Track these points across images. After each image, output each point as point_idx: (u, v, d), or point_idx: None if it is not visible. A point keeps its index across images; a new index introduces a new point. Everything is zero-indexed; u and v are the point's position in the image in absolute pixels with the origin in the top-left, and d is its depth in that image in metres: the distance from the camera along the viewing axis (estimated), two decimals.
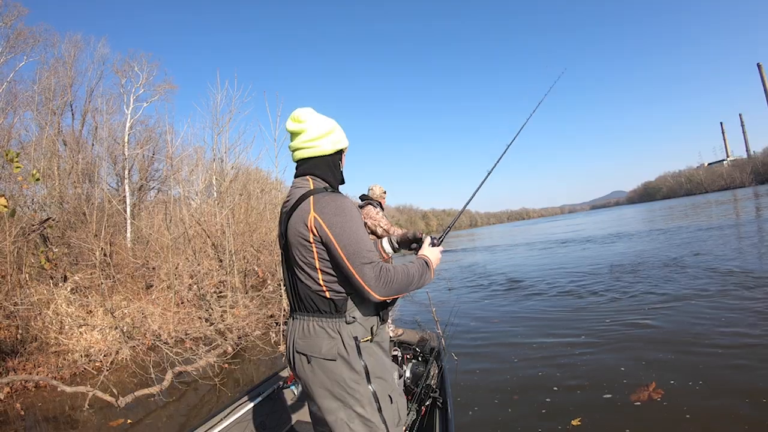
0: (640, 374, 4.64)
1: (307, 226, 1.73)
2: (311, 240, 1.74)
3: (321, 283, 1.77)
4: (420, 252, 2.07)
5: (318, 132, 1.92)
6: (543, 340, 6.29)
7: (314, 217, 1.73)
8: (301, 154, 1.95)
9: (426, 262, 1.94)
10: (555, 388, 4.63)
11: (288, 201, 1.90)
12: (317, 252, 1.75)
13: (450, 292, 11.90)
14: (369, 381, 1.78)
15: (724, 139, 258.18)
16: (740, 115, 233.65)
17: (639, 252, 14.31)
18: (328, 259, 1.75)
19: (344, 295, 1.79)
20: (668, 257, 12.15)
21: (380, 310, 1.93)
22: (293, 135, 1.95)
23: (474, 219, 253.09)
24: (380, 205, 5.42)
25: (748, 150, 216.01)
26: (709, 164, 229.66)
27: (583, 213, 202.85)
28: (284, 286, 1.97)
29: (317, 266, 1.76)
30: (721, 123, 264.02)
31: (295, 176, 1.98)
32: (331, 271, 1.77)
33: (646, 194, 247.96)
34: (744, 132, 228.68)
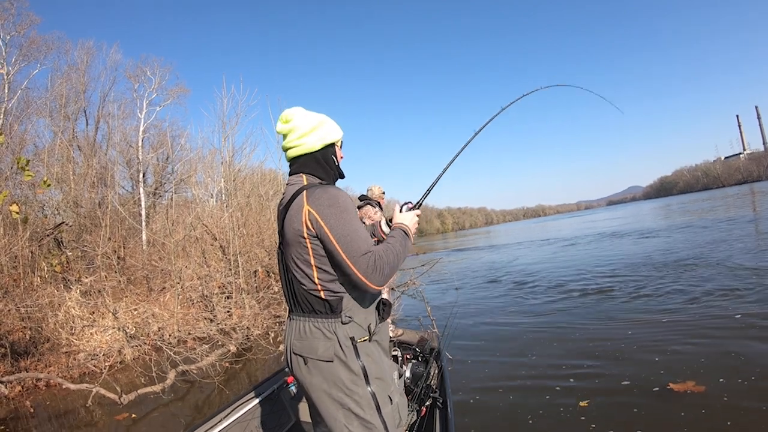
0: (670, 368, 4.50)
1: (301, 221, 1.72)
2: (305, 235, 1.72)
3: (316, 281, 1.75)
4: (394, 220, 2.03)
5: (303, 130, 1.91)
6: (554, 339, 6.16)
7: (308, 210, 1.72)
8: (290, 153, 1.96)
9: (404, 231, 1.94)
10: (571, 380, 4.63)
11: (283, 199, 1.90)
12: (312, 248, 1.73)
13: (457, 291, 11.77)
14: (367, 382, 1.75)
15: (741, 132, 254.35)
16: (756, 107, 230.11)
17: (661, 250, 13.41)
18: (324, 254, 1.74)
19: (339, 294, 1.76)
20: (689, 255, 11.44)
21: (378, 308, 1.92)
22: (284, 136, 1.97)
23: (490, 217, 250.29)
24: (379, 205, 5.50)
25: (765, 142, 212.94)
26: (725, 158, 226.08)
27: (601, 209, 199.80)
28: (282, 286, 1.93)
29: (312, 263, 1.74)
30: (737, 116, 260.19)
31: (290, 174, 1.99)
32: (327, 268, 1.75)
33: (663, 189, 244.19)
34: (760, 124, 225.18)
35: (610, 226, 30.16)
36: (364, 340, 1.81)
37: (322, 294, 1.76)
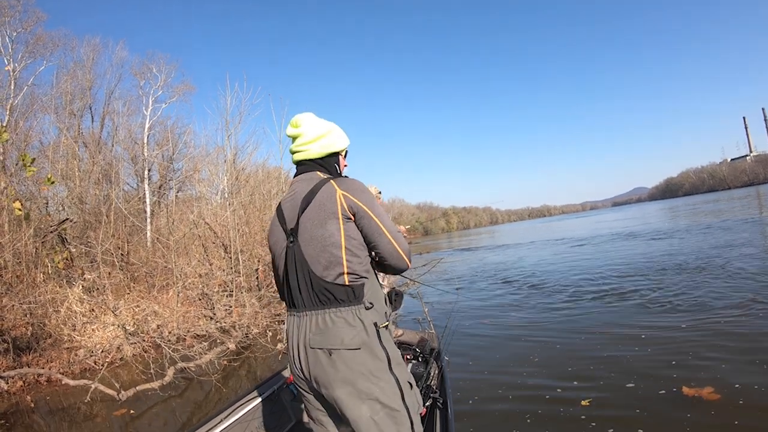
0: (684, 372, 4.37)
1: (336, 204, 1.75)
2: (340, 217, 1.74)
3: (344, 263, 1.74)
4: None
5: (309, 136, 1.96)
6: (558, 341, 6.04)
7: (343, 194, 1.76)
8: (296, 157, 2.01)
9: None
10: (575, 381, 4.57)
11: (294, 192, 1.90)
12: (344, 229, 1.75)
13: (458, 291, 11.67)
14: (391, 368, 1.75)
15: (747, 134, 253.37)
16: (763, 109, 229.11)
17: (678, 252, 12.85)
18: (355, 237, 1.77)
19: (362, 279, 1.77)
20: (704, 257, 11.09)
21: (391, 296, 1.98)
22: (293, 139, 2.02)
23: (495, 216, 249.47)
24: None
25: None
26: (731, 160, 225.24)
27: (607, 209, 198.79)
28: (286, 284, 1.87)
29: (343, 244, 1.74)
30: (744, 117, 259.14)
31: (295, 175, 2.02)
32: (356, 251, 1.77)
33: (669, 190, 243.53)
34: (767, 126, 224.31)
35: (620, 227, 29.72)
36: (384, 326, 1.81)
37: (346, 279, 1.74)
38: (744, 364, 4.41)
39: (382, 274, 2.01)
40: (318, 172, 1.95)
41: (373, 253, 1.87)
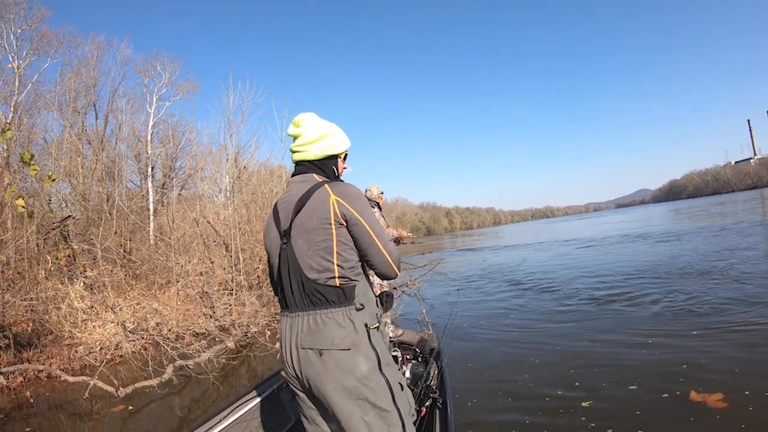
0: (692, 377, 4.30)
1: (329, 209, 1.75)
2: (332, 222, 1.74)
3: (335, 268, 1.75)
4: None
5: (309, 137, 1.96)
6: (559, 343, 5.97)
7: (336, 199, 1.76)
8: (295, 157, 2.01)
9: None
10: (576, 383, 4.53)
11: (289, 194, 1.91)
12: (337, 234, 1.75)
13: (458, 292, 11.62)
14: (381, 369, 1.76)
15: (752, 137, 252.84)
16: (767, 111, 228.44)
17: (688, 255, 12.54)
18: (346, 242, 1.77)
19: (353, 282, 1.79)
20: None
21: (381, 298, 1.99)
22: (293, 138, 2.02)
23: (498, 217, 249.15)
24: (378, 205, 5.57)
25: None
26: (735, 162, 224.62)
27: (610, 211, 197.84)
28: (279, 284, 1.89)
29: (335, 249, 1.75)
30: (748, 120, 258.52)
31: (292, 175, 2.02)
32: (347, 255, 1.78)
33: (672, 193, 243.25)
34: None
35: (628, 229, 29.43)
36: (375, 327, 1.83)
37: (337, 282, 1.76)
38: (757, 372, 4.30)
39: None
40: (314, 175, 1.95)
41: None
